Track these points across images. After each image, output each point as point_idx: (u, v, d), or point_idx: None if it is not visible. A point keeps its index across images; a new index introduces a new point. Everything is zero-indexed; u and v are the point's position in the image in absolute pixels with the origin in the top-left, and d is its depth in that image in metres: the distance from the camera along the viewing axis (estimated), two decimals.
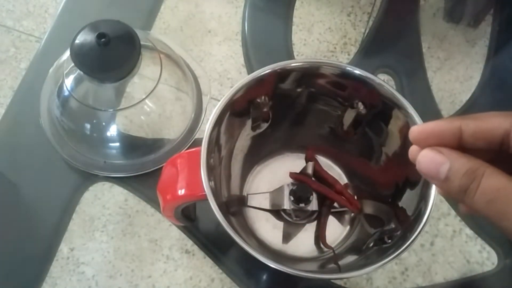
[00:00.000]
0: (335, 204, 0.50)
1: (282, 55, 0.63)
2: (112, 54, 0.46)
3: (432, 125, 0.26)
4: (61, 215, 0.55)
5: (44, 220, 0.55)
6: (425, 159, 0.25)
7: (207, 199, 0.37)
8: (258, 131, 0.49)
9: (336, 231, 0.51)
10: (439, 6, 0.67)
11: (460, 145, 0.25)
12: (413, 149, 0.27)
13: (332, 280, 0.52)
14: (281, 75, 0.44)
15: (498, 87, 0.63)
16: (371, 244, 0.44)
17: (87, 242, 0.54)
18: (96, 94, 0.52)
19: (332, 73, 0.44)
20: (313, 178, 0.50)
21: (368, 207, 0.50)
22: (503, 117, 0.25)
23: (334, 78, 0.44)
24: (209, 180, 0.38)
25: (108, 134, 0.55)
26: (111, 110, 0.53)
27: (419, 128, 0.27)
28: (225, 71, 0.62)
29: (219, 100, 0.42)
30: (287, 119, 0.50)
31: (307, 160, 0.51)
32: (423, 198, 0.39)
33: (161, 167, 0.54)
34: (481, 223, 0.55)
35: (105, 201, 0.55)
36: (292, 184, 0.50)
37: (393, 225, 0.44)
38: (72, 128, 0.55)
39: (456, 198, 0.25)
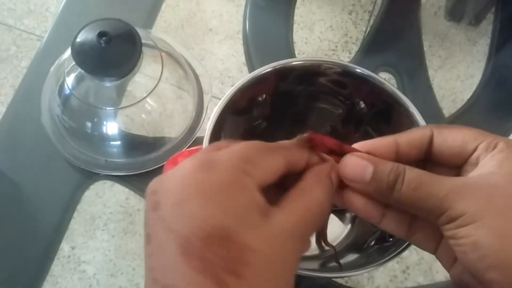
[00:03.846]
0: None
1: (283, 54, 0.63)
2: (113, 52, 0.46)
3: (371, 142, 0.30)
4: (62, 213, 0.55)
5: (45, 219, 0.55)
6: (350, 163, 0.28)
7: None
8: (259, 129, 0.49)
9: (337, 229, 0.51)
10: (440, 5, 0.67)
11: (397, 158, 0.29)
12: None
13: (334, 279, 0.52)
14: (282, 73, 0.44)
15: (499, 85, 0.63)
16: (372, 243, 0.44)
17: (88, 241, 0.54)
18: (97, 93, 0.52)
19: (333, 71, 0.44)
20: None
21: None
22: (425, 127, 0.29)
23: (335, 77, 0.44)
24: None
25: (109, 132, 0.55)
26: (112, 108, 0.53)
27: (359, 145, 0.30)
28: (226, 70, 0.62)
29: (220, 99, 0.42)
30: (288, 117, 0.50)
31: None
32: None
33: (162, 166, 0.54)
34: None
35: (106, 200, 0.55)
36: None
37: None
38: (73, 126, 0.55)
39: (381, 196, 0.28)
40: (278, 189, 0.26)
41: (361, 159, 0.28)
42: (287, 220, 0.24)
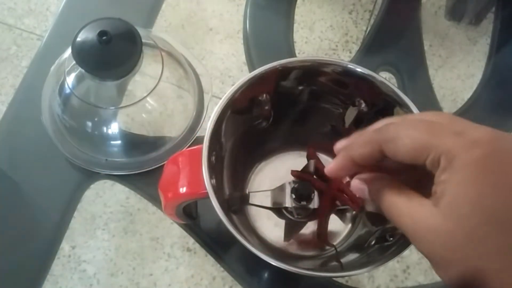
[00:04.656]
0: (337, 202, 0.50)
1: (283, 53, 0.63)
2: (114, 52, 0.46)
3: (331, 169, 0.33)
4: (62, 213, 0.55)
5: (45, 218, 0.55)
6: (354, 187, 0.34)
7: (208, 197, 0.37)
8: (260, 129, 0.49)
9: (337, 229, 0.51)
10: (440, 4, 0.67)
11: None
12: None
13: (334, 278, 0.52)
14: (283, 73, 0.44)
15: (499, 85, 0.63)
16: (373, 242, 0.44)
17: (88, 240, 0.54)
18: (97, 92, 0.52)
19: (333, 71, 0.44)
20: (314, 176, 0.50)
21: (370, 205, 0.50)
22: (371, 142, 0.29)
23: (335, 76, 0.44)
24: (211, 178, 0.38)
25: (110, 132, 0.55)
26: (113, 108, 0.53)
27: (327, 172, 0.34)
28: (226, 69, 0.62)
29: (220, 98, 0.42)
30: (288, 117, 0.50)
31: (308, 158, 0.51)
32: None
33: (163, 165, 0.54)
34: None
35: (106, 199, 0.55)
36: (294, 182, 0.49)
37: None
38: (74, 126, 0.55)
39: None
40: None
41: (359, 182, 0.32)
42: None
